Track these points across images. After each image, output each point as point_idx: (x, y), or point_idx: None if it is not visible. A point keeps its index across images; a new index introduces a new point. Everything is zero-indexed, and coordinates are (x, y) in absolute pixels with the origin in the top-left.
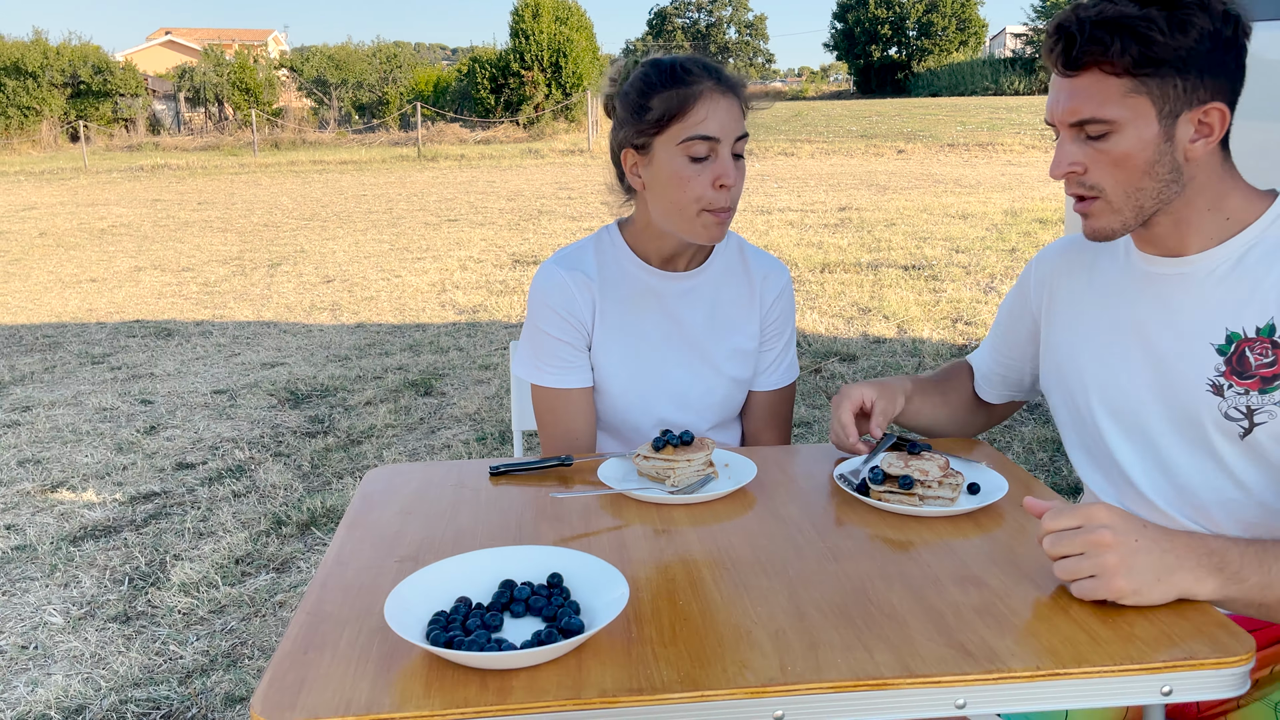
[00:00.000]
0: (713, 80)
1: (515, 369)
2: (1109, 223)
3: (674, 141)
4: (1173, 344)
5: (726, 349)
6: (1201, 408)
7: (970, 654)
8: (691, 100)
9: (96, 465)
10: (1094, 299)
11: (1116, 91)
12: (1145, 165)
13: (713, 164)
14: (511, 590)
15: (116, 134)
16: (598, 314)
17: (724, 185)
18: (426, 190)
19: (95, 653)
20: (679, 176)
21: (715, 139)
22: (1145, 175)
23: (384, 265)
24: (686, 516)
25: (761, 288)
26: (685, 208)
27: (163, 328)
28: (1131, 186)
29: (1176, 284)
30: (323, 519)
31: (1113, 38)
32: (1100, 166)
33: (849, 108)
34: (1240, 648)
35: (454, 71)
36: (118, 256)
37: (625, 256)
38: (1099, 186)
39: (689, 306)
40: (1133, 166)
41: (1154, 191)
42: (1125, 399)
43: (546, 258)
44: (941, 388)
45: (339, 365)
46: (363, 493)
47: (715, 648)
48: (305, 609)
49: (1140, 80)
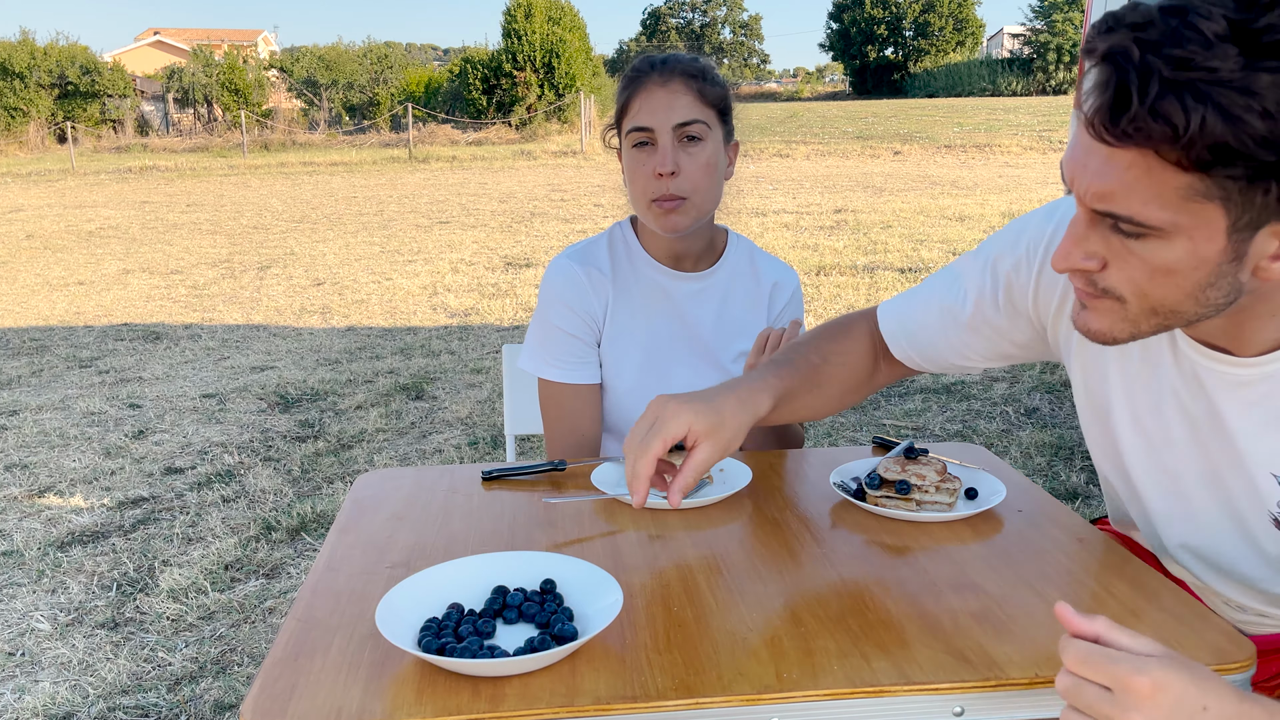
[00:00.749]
0: (656, 73)
1: (522, 363)
2: (1115, 330)
3: (625, 135)
4: (1230, 466)
5: (733, 351)
6: (1262, 539)
7: (968, 661)
8: (633, 94)
9: (84, 470)
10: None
11: (1175, 191)
12: (1193, 288)
13: (652, 154)
14: (504, 596)
15: (104, 135)
16: (610, 310)
17: (659, 174)
18: (418, 192)
19: (83, 660)
20: (629, 170)
21: (648, 129)
22: (1189, 299)
23: (375, 268)
24: (681, 522)
25: (771, 292)
26: (639, 200)
27: (151, 331)
28: (1165, 307)
29: (1230, 392)
30: (313, 524)
31: (1190, 114)
32: (1127, 270)
33: (845, 109)
34: (1240, 654)
35: (445, 72)
36: (106, 259)
37: (638, 254)
38: (1116, 292)
39: (698, 307)
40: (1174, 286)
41: (1191, 314)
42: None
43: (538, 261)
44: (816, 379)
45: (329, 369)
46: (353, 498)
47: (710, 655)
48: (295, 615)
49: (1215, 181)
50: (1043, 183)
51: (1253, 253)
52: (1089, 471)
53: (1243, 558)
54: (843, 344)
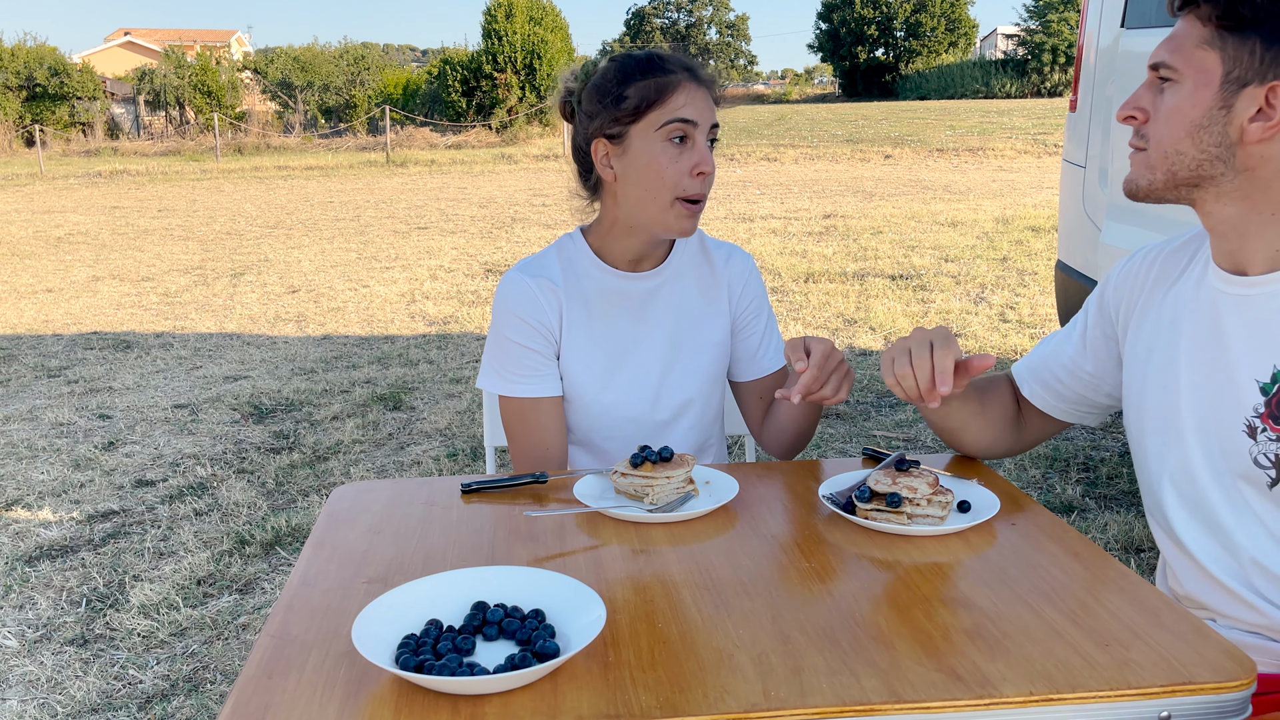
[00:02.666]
0: (688, 72)
1: (480, 382)
2: (1137, 176)
3: (653, 128)
4: (1220, 377)
5: (696, 342)
6: (1233, 451)
7: (961, 679)
8: (670, 88)
9: (53, 482)
10: (1165, 321)
11: (1193, 40)
12: (1190, 127)
13: (691, 151)
14: (484, 612)
15: (74, 138)
16: (565, 320)
17: (702, 173)
18: (395, 197)
19: (51, 677)
20: (656, 163)
21: (694, 122)
22: (1187, 137)
23: (351, 275)
24: (666, 535)
25: (727, 273)
26: (660, 196)
27: (121, 339)
28: (1171, 146)
29: (1235, 308)
30: (288, 538)
31: None
32: (1154, 117)
33: (834, 111)
34: (1241, 671)
35: (424, 73)
36: (75, 266)
37: (589, 260)
38: (1148, 138)
39: (656, 305)
40: (1177, 123)
41: (1192, 159)
42: (1170, 439)
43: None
44: (980, 396)
45: (304, 379)
46: (329, 511)
47: (695, 672)
48: (270, 631)
49: (1219, 34)
50: (1037, 187)
51: (1237, 108)
52: (1085, 485)
53: (1220, 491)
54: (994, 379)
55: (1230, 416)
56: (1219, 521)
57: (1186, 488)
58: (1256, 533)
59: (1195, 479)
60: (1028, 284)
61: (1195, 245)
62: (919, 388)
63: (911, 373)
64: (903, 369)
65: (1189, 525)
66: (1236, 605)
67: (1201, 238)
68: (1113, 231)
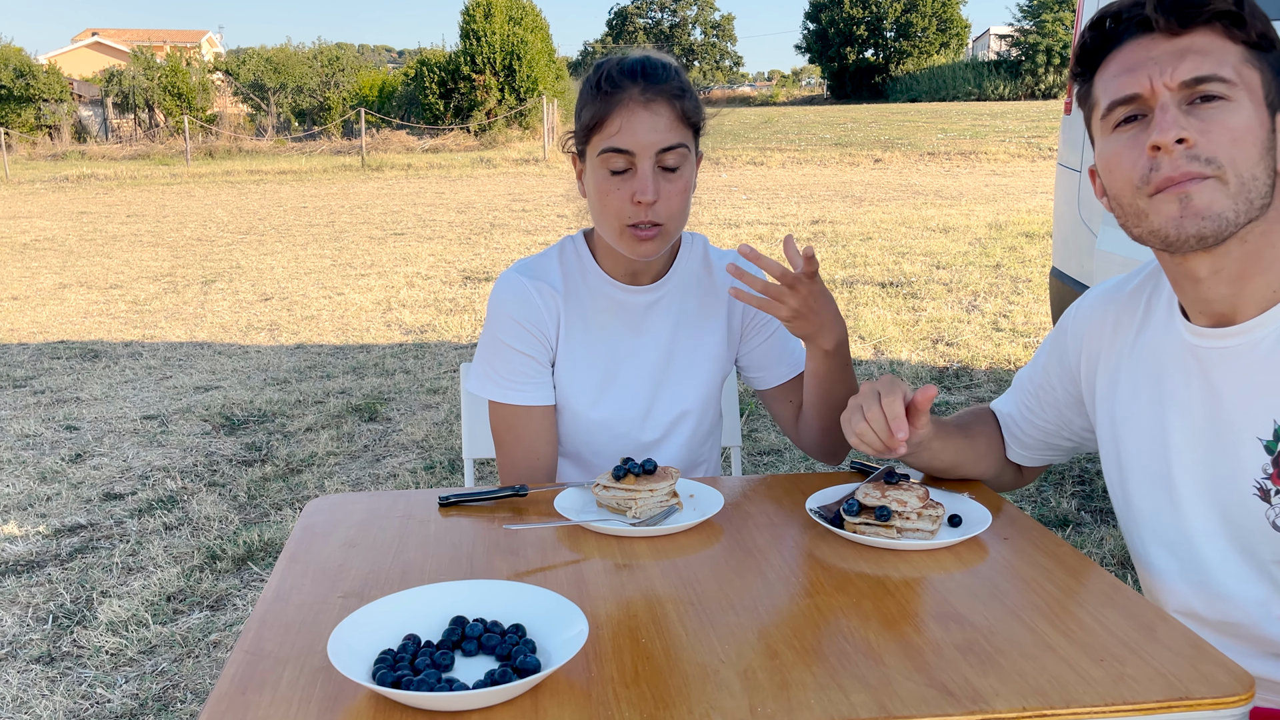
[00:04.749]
0: (638, 88)
1: (470, 385)
2: (1220, 205)
3: (595, 153)
4: (1214, 435)
5: (693, 355)
6: (1243, 517)
7: (952, 694)
8: (609, 111)
9: (18, 495)
10: (1143, 374)
11: (1235, 56)
12: (1260, 148)
13: (630, 178)
14: (463, 627)
15: (40, 142)
16: (563, 329)
17: (639, 202)
18: (371, 202)
19: (17, 696)
20: (600, 189)
21: (629, 152)
22: (1260, 162)
23: (325, 282)
24: (649, 549)
25: (728, 285)
26: (610, 222)
27: (89, 349)
28: (1248, 171)
29: (1219, 360)
30: (260, 553)
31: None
32: (1214, 135)
33: (822, 114)
34: (1239, 687)
35: (400, 75)
36: (41, 273)
37: (590, 269)
38: (1217, 161)
39: (654, 318)
40: (1250, 144)
41: (1264, 186)
42: (1161, 502)
43: (498, 275)
44: (963, 429)
45: (277, 389)
46: (303, 525)
47: (680, 688)
48: (243, 647)
49: (1256, 54)
50: (1031, 192)
51: (1278, 133)
52: (1080, 498)
53: (1217, 556)
54: (977, 412)
55: (1235, 479)
56: (1218, 590)
57: (1183, 552)
58: (1266, 599)
59: (1193, 543)
60: (1021, 291)
61: (1150, 287)
62: (880, 440)
63: (869, 427)
64: (859, 425)
65: (1178, 587)
66: None
67: (1153, 279)
68: (1109, 238)
